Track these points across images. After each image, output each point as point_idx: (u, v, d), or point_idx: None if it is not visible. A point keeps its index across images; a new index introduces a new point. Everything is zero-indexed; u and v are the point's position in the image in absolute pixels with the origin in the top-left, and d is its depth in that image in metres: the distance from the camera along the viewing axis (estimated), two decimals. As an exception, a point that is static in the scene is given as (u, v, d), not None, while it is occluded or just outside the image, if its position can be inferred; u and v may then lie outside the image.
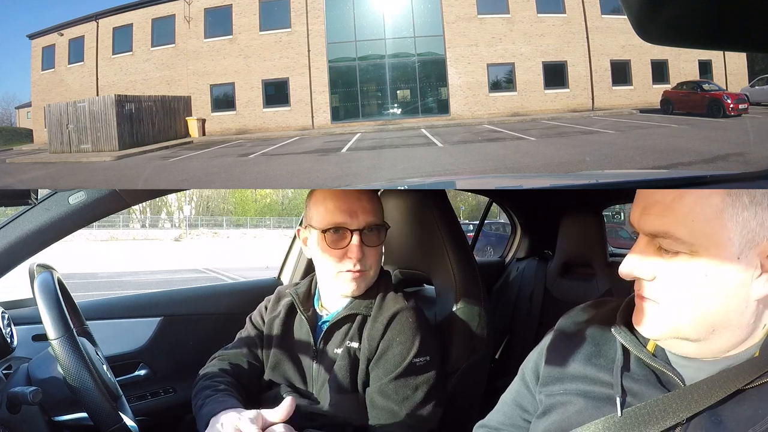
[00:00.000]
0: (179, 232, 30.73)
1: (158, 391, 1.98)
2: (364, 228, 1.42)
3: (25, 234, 1.31)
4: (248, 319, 1.63)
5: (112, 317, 1.97)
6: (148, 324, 2.01)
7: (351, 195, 1.44)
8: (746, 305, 0.81)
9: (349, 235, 1.41)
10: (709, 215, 0.80)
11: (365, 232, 1.43)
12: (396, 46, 16.72)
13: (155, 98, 15.40)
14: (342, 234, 1.41)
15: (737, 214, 0.79)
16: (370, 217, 1.43)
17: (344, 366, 1.41)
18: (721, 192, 0.80)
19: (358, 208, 1.42)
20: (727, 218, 0.79)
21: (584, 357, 0.98)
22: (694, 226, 0.80)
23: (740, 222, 0.79)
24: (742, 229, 0.79)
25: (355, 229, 1.41)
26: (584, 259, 2.57)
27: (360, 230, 1.42)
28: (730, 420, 0.82)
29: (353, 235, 1.41)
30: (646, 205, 0.85)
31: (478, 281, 1.68)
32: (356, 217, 1.42)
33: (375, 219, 1.45)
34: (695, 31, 0.53)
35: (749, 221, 0.79)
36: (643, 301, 0.87)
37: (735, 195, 0.79)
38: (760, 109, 13.93)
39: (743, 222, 0.79)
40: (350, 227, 1.41)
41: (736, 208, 0.79)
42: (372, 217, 1.44)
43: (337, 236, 1.42)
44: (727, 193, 0.80)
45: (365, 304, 1.46)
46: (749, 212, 0.79)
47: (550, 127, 13.02)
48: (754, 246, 0.80)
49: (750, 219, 0.79)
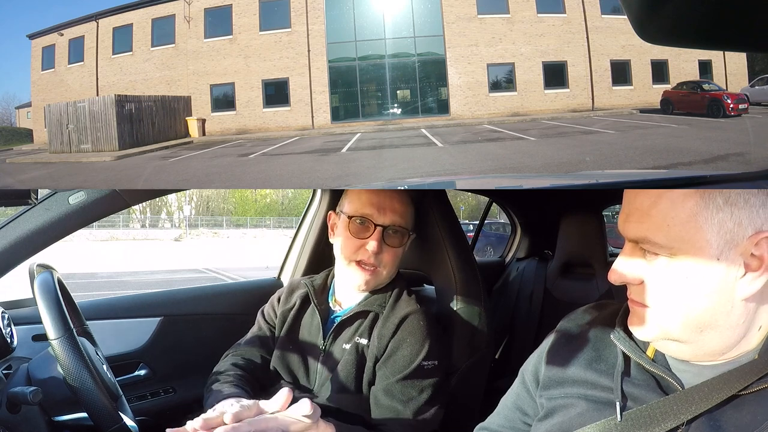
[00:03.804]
0: (179, 232, 30.74)
1: (158, 391, 1.98)
2: (389, 226, 1.45)
3: (25, 234, 1.31)
4: (260, 313, 1.64)
5: (112, 317, 1.97)
6: (148, 324, 2.01)
7: (386, 192, 1.48)
8: (732, 305, 0.81)
9: (372, 228, 1.44)
10: (684, 219, 0.81)
11: (388, 231, 1.46)
12: (396, 46, 16.73)
13: (155, 98, 15.41)
14: (366, 225, 1.45)
15: (712, 216, 0.80)
16: (397, 218, 1.47)
17: (351, 361, 1.42)
18: (695, 195, 0.81)
19: (387, 206, 1.46)
20: (702, 220, 0.80)
21: (585, 361, 0.98)
22: (669, 231, 0.81)
23: (716, 223, 0.80)
24: (719, 230, 0.80)
25: (379, 224, 1.44)
26: (584, 259, 2.57)
27: (384, 227, 1.45)
28: (729, 425, 0.82)
29: (376, 229, 1.44)
30: (628, 212, 0.86)
31: (478, 281, 1.68)
32: (384, 213, 1.45)
33: (401, 221, 1.48)
34: (695, 31, 0.53)
35: (725, 222, 0.80)
36: (634, 304, 0.89)
37: (708, 197, 0.80)
38: (760, 109, 13.94)
39: (719, 223, 0.80)
40: (375, 221, 1.45)
41: (710, 210, 0.80)
42: (399, 218, 1.47)
43: (362, 227, 1.45)
44: (700, 196, 0.80)
45: (379, 302, 1.47)
46: (724, 213, 0.80)
47: (550, 127, 13.02)
48: (734, 246, 0.80)
49: (726, 220, 0.80)
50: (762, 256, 0.80)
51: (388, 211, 1.46)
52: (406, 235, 1.50)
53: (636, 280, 0.87)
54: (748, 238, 0.80)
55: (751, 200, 0.80)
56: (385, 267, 1.47)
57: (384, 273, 1.47)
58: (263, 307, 1.65)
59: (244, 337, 1.62)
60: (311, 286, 1.56)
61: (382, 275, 1.47)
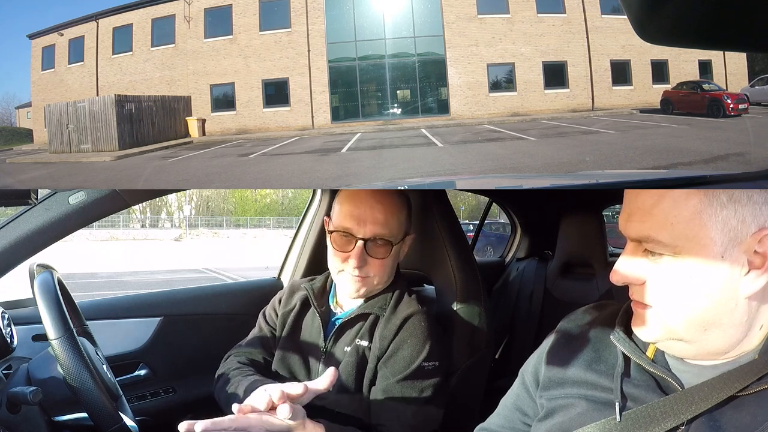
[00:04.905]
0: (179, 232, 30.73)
1: (158, 391, 1.98)
2: (370, 238, 1.41)
3: (25, 234, 1.31)
4: (261, 315, 1.64)
5: (112, 317, 1.97)
6: (148, 324, 2.01)
7: (367, 202, 1.43)
8: (736, 303, 0.81)
9: (354, 241, 1.42)
10: (688, 217, 0.80)
11: (370, 243, 1.42)
12: (396, 46, 16.72)
13: (155, 98, 15.41)
14: (348, 239, 1.42)
15: (716, 213, 0.79)
16: (379, 229, 1.41)
17: (352, 363, 1.41)
18: (698, 193, 0.80)
19: (368, 218, 1.41)
20: (706, 218, 0.80)
21: (585, 362, 0.98)
22: (674, 229, 0.81)
23: (720, 221, 0.79)
24: (723, 228, 0.79)
25: (360, 237, 1.41)
26: (584, 259, 2.57)
27: (365, 240, 1.41)
28: (729, 426, 0.82)
29: (357, 243, 1.41)
30: (630, 212, 0.86)
31: (478, 281, 1.68)
32: (364, 226, 1.41)
33: (384, 231, 1.42)
34: (695, 31, 0.53)
35: (729, 219, 0.79)
36: (637, 305, 0.88)
37: (712, 195, 0.80)
38: (760, 109, 13.94)
39: (723, 221, 0.79)
40: (356, 235, 1.41)
41: (714, 207, 0.79)
42: (381, 229, 1.41)
43: (345, 240, 1.42)
44: (704, 194, 0.80)
45: (379, 304, 1.47)
46: (728, 211, 0.79)
47: (550, 127, 13.02)
48: (737, 244, 0.80)
49: (730, 217, 0.79)
50: (765, 253, 0.79)
51: (369, 223, 1.41)
52: (389, 246, 1.44)
53: (639, 281, 0.86)
54: (751, 235, 0.79)
55: (754, 197, 0.79)
56: (375, 276, 1.44)
57: (375, 281, 1.45)
58: (264, 309, 1.65)
59: (245, 339, 1.62)
60: (311, 289, 1.55)
61: (373, 283, 1.45)
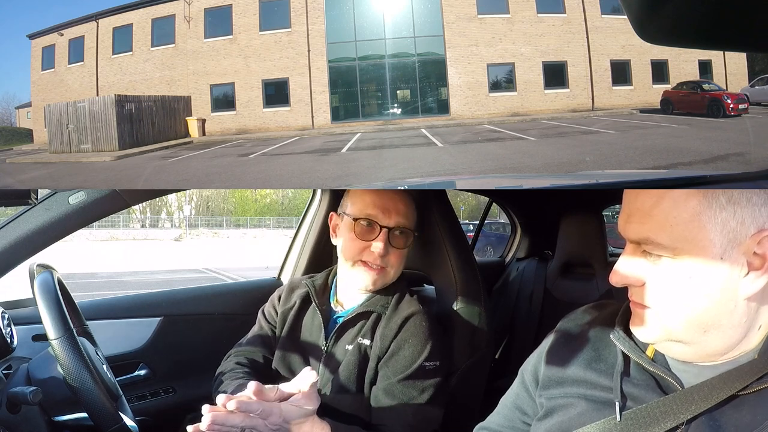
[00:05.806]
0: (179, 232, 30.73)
1: (158, 391, 1.98)
2: (394, 227, 1.45)
3: (25, 234, 1.31)
4: (260, 313, 1.64)
5: (112, 317, 1.97)
6: (148, 324, 2.01)
7: (389, 193, 1.49)
8: (735, 305, 0.81)
9: (378, 229, 1.44)
10: (687, 218, 0.80)
11: (393, 232, 1.46)
12: (396, 46, 16.73)
13: (155, 98, 15.41)
14: (372, 227, 1.45)
15: (715, 215, 0.80)
16: (402, 219, 1.47)
17: (353, 362, 1.42)
18: (697, 195, 0.80)
19: (392, 207, 1.46)
20: (706, 220, 0.80)
21: (584, 361, 0.98)
22: (673, 231, 0.81)
23: (719, 222, 0.80)
24: (722, 229, 0.80)
25: (384, 225, 1.45)
26: (584, 259, 2.57)
27: (389, 228, 1.45)
28: (729, 425, 0.82)
29: (381, 231, 1.44)
30: (629, 213, 0.86)
31: (478, 281, 1.68)
32: (389, 215, 1.45)
33: (406, 222, 1.48)
34: (695, 31, 0.53)
35: (728, 221, 0.79)
36: (636, 306, 0.88)
37: (711, 196, 0.80)
38: (760, 109, 13.94)
39: (722, 222, 0.80)
40: (381, 222, 1.45)
41: (713, 209, 0.80)
42: (403, 220, 1.47)
43: (368, 228, 1.45)
44: (703, 195, 0.80)
45: (381, 302, 1.47)
46: (727, 212, 0.79)
47: (550, 127, 13.02)
48: (737, 245, 0.80)
49: (729, 219, 0.79)
50: (765, 254, 0.79)
51: (393, 212, 1.46)
52: (410, 236, 1.50)
53: (638, 282, 0.86)
54: (750, 236, 0.79)
55: (753, 198, 0.79)
56: (392, 267, 1.48)
57: (391, 273, 1.48)
58: (264, 307, 1.65)
59: (245, 337, 1.62)
60: (312, 286, 1.56)
61: (390, 275, 1.48)
